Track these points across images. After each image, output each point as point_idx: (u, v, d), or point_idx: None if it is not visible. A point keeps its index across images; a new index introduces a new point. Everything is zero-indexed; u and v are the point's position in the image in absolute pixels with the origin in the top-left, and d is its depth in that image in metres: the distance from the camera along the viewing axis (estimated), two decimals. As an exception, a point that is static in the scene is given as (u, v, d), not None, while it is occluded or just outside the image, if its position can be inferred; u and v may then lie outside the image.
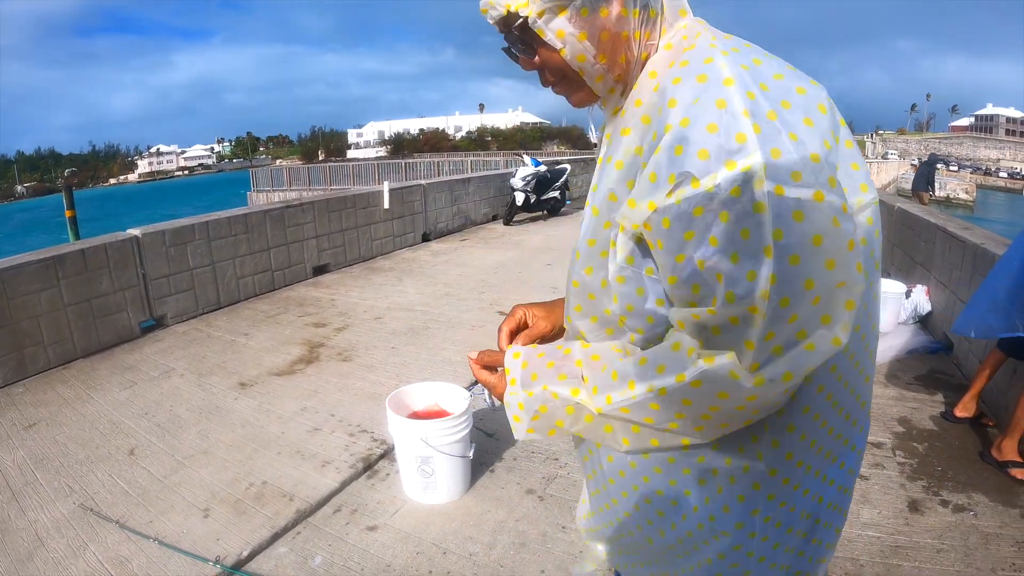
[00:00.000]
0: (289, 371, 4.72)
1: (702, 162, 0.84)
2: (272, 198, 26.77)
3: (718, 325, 0.90)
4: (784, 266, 0.83)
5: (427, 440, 2.96)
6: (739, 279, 0.85)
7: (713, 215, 0.85)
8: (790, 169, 0.83)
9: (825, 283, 0.85)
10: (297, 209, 7.40)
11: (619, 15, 0.99)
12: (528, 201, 11.74)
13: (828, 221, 0.84)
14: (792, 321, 0.85)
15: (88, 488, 3.24)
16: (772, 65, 0.94)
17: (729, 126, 0.84)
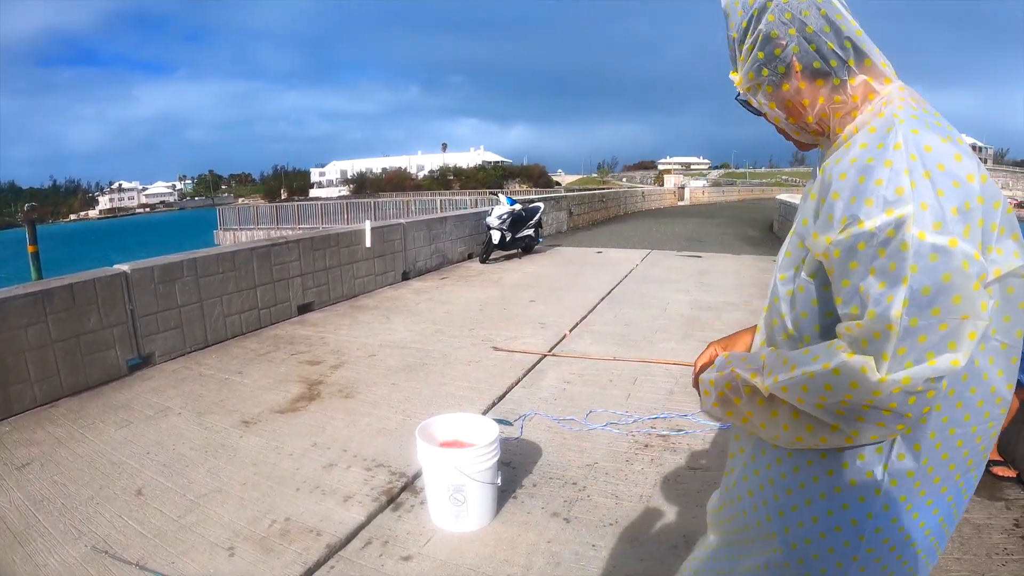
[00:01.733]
0: (292, 409, 4.62)
1: (868, 208, 1.08)
2: (240, 237, 26.52)
3: (865, 338, 1.08)
4: (916, 294, 1.04)
5: (461, 468, 2.93)
6: (881, 300, 1.06)
7: (873, 250, 1.08)
8: (933, 220, 1.04)
9: (951, 313, 1.04)
10: (283, 247, 7.33)
11: (798, 88, 1.26)
12: (504, 239, 11.82)
13: (959, 263, 1.04)
14: (922, 341, 1.05)
15: (97, 530, 3.11)
16: (940, 132, 1.14)
17: (892, 181, 1.07)
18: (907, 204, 1.05)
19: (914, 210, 1.04)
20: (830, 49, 1.22)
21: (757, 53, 1.27)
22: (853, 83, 1.24)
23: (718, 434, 4.14)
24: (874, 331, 1.07)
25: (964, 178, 1.09)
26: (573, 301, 8.16)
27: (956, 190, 1.07)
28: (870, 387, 1.08)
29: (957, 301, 1.04)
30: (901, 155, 1.09)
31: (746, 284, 9.57)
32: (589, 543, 2.98)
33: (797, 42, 1.23)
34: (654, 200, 38.02)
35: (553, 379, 5.17)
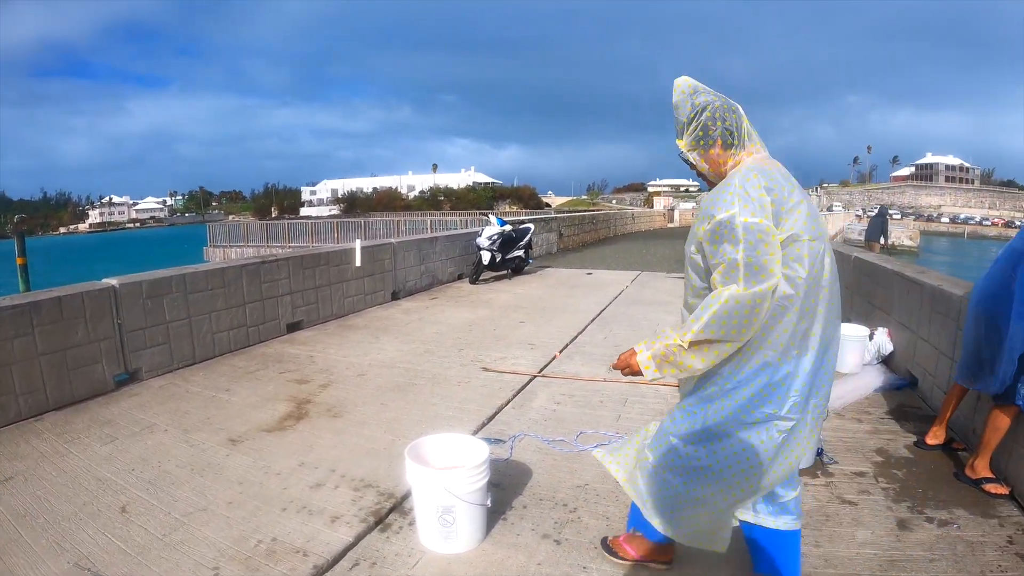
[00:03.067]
0: (279, 427, 4.58)
1: (718, 210, 2.14)
2: (230, 254, 26.43)
3: (728, 275, 2.11)
4: (748, 247, 2.08)
5: (450, 489, 2.91)
6: (732, 254, 2.10)
7: (723, 230, 2.12)
8: (748, 212, 2.09)
9: (765, 255, 2.08)
10: (272, 265, 7.30)
11: (718, 153, 2.31)
12: (494, 260, 11.82)
13: (764, 229, 2.09)
14: (756, 270, 2.08)
15: (80, 547, 3.06)
16: (762, 174, 2.18)
17: (728, 198, 2.14)
18: (735, 207, 2.11)
19: (738, 209, 2.11)
20: (735, 135, 2.29)
21: (698, 132, 2.30)
22: (739, 154, 2.30)
23: (708, 457, 4.13)
24: (731, 270, 2.11)
25: (759, 194, 2.12)
26: (563, 322, 8.16)
27: (759, 199, 2.12)
28: (745, 297, 2.09)
29: (767, 247, 2.10)
30: (735, 186, 2.16)
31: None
32: (580, 565, 2.96)
33: (721, 131, 2.28)
34: (644, 222, 38.23)
35: (543, 400, 5.15)
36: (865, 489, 3.69)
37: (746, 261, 2.06)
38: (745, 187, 2.12)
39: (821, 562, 2.95)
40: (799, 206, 2.15)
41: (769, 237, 2.08)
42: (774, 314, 2.13)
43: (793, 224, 2.13)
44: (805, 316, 2.16)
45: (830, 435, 4.38)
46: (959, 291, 4.62)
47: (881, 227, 17.06)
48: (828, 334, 2.24)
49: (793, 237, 2.12)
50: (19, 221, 11.39)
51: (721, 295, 2.09)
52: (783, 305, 2.13)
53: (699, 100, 2.28)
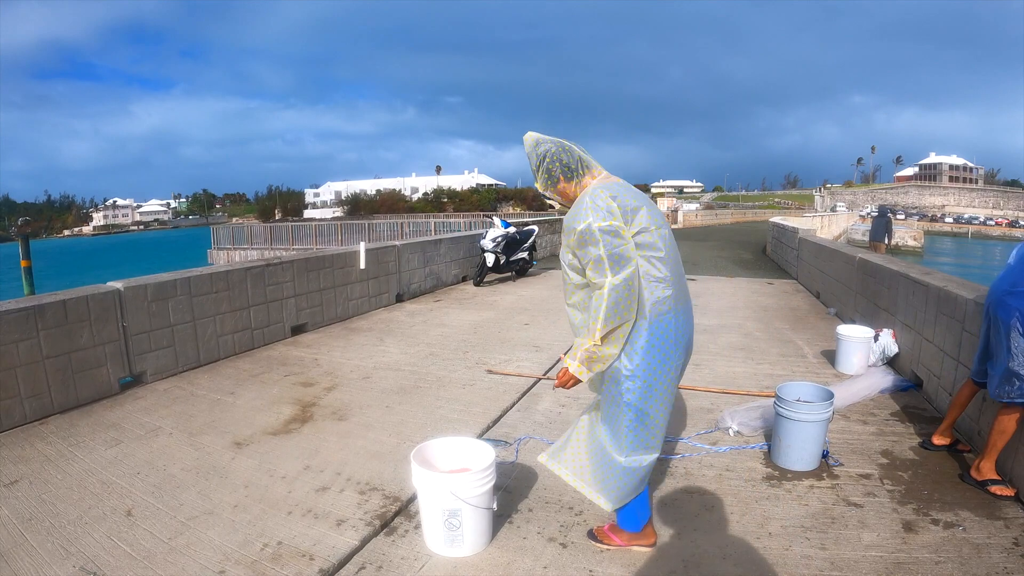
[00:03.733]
0: (284, 430, 4.58)
1: (577, 222, 2.69)
2: (233, 256, 26.41)
3: (597, 271, 2.64)
4: (607, 246, 2.62)
5: (456, 493, 2.90)
6: (596, 254, 2.63)
7: (586, 237, 2.66)
8: (600, 219, 2.63)
9: (620, 248, 2.63)
10: (277, 268, 7.31)
11: (564, 186, 2.90)
12: (498, 262, 11.81)
13: (617, 230, 2.64)
14: (617, 260, 2.62)
15: (86, 550, 3.06)
16: (612, 189, 2.74)
17: (583, 212, 2.69)
18: (588, 218, 2.64)
19: (592, 219, 2.63)
20: (574, 168, 2.88)
21: (544, 175, 2.91)
22: (583, 180, 2.89)
23: (714, 458, 4.12)
24: (599, 265, 2.63)
25: (607, 204, 2.65)
26: (568, 324, 8.13)
27: (612, 208, 2.66)
28: (617, 288, 2.61)
29: (620, 241, 2.64)
30: (586, 202, 2.69)
31: (740, 306, 9.58)
32: (586, 568, 2.96)
33: (561, 168, 2.87)
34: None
35: (548, 402, 5.14)
36: (871, 491, 3.68)
37: (608, 255, 2.62)
38: (594, 201, 2.68)
39: (827, 565, 2.94)
40: (640, 207, 2.73)
41: (620, 233, 2.64)
42: (655, 288, 2.71)
43: (640, 221, 2.71)
44: (676, 283, 2.79)
45: (835, 437, 4.37)
46: (965, 292, 4.61)
47: (885, 227, 16.99)
48: (685, 293, 2.89)
49: (643, 229, 2.70)
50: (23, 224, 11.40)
51: (603, 291, 2.62)
52: (662, 280, 2.72)
53: (540, 150, 2.91)
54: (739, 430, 4.49)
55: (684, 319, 2.83)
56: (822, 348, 6.86)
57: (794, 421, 3.90)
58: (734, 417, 4.57)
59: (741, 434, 4.47)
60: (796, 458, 3.95)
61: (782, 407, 3.97)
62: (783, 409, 3.95)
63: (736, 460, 4.12)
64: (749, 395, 5.29)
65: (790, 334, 7.67)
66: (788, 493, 3.67)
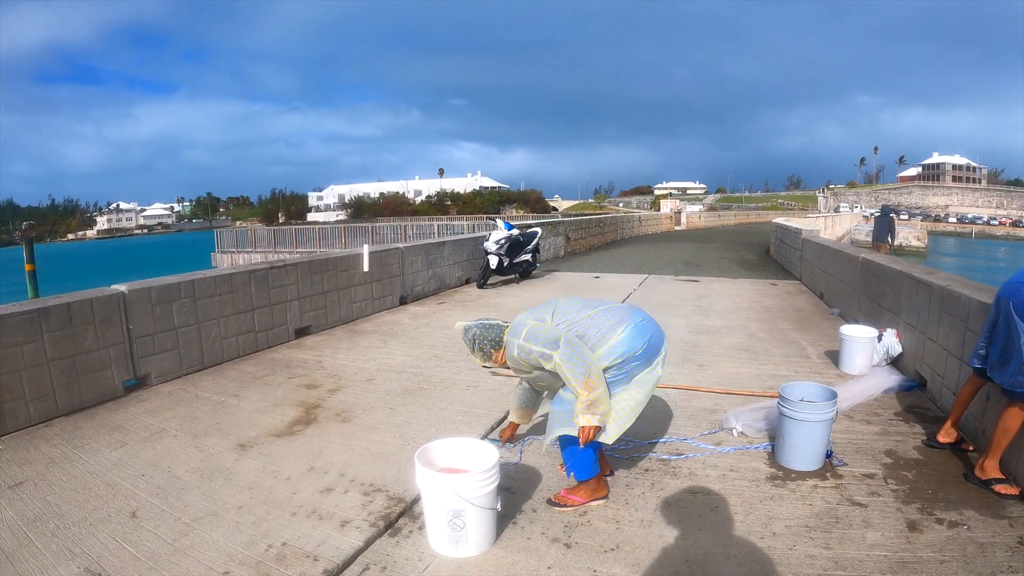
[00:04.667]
0: (289, 432, 4.59)
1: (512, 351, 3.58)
2: (237, 260, 26.48)
3: (545, 357, 3.41)
4: (536, 343, 3.46)
5: (460, 493, 2.91)
6: (538, 351, 3.43)
7: (523, 352, 3.50)
8: (520, 337, 3.50)
9: (549, 336, 3.44)
10: (281, 270, 7.32)
11: (496, 354, 3.67)
12: (501, 264, 11.81)
13: (535, 329, 3.50)
14: (550, 344, 3.41)
15: (91, 551, 3.07)
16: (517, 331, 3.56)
17: (512, 346, 3.58)
18: (515, 342, 3.54)
19: (517, 340, 3.52)
20: (497, 339, 3.63)
21: (480, 353, 3.67)
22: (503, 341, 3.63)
23: (718, 458, 4.12)
24: (549, 351, 3.37)
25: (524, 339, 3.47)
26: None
27: (528, 336, 3.46)
28: (561, 352, 3.32)
29: (544, 329, 3.49)
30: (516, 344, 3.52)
31: (743, 308, 9.57)
32: (590, 569, 2.96)
33: (490, 344, 3.64)
34: (651, 225, 38.13)
35: (551, 404, 5.14)
36: (875, 491, 3.67)
37: (542, 345, 3.37)
38: (520, 343, 3.46)
39: (831, 564, 2.94)
40: (549, 322, 3.52)
41: (538, 328, 3.45)
42: (604, 336, 3.45)
43: (554, 320, 3.53)
44: (605, 315, 3.54)
45: (839, 437, 4.36)
46: (969, 292, 4.61)
47: (888, 228, 16.98)
48: (623, 309, 3.66)
49: (560, 323, 3.51)
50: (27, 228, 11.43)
51: (558, 360, 3.30)
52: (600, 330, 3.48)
53: (469, 335, 3.67)
54: (743, 430, 4.49)
55: (636, 327, 3.52)
56: (826, 348, 6.85)
57: (798, 421, 3.89)
58: (738, 418, 4.56)
59: (745, 434, 4.47)
60: (800, 458, 3.94)
61: (786, 407, 3.96)
62: (787, 409, 3.95)
63: (740, 460, 4.12)
64: (753, 396, 5.29)
65: (794, 335, 7.66)
66: (792, 493, 3.66)
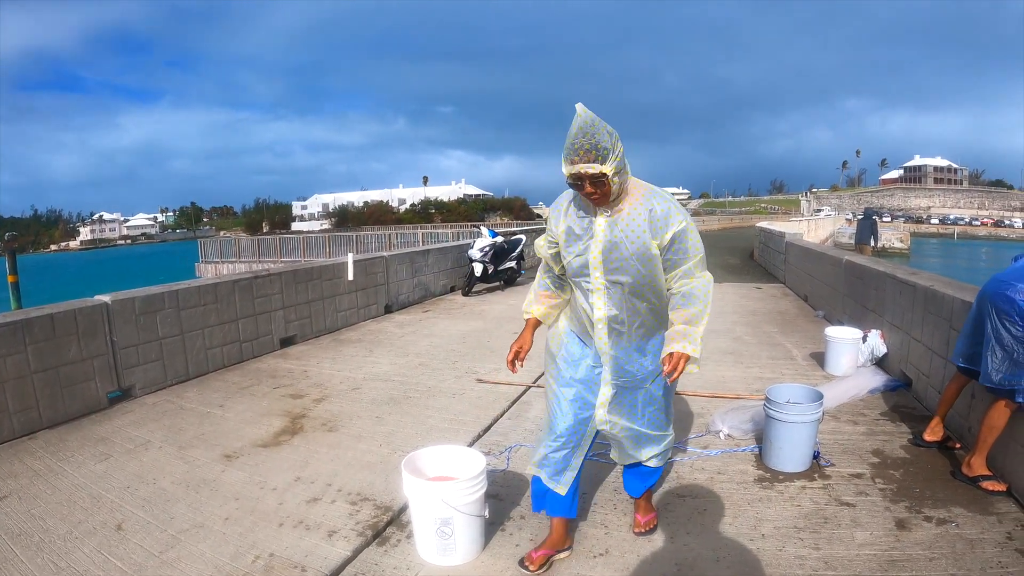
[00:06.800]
0: (275, 442, 4.56)
1: (679, 217, 2.65)
2: (221, 270, 26.30)
3: (701, 264, 2.74)
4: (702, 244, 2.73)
5: (447, 501, 2.90)
6: (700, 248, 2.73)
7: (692, 232, 2.69)
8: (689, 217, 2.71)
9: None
10: (265, 280, 7.29)
11: (624, 175, 2.59)
12: (486, 272, 11.82)
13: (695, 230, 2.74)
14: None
15: (76, 565, 3.04)
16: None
17: (680, 210, 2.68)
18: (688, 217, 2.69)
19: (689, 218, 2.70)
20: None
21: (622, 158, 2.53)
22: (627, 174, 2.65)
23: (706, 461, 4.13)
24: (702, 260, 2.73)
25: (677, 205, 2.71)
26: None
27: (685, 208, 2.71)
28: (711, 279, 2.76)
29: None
30: (673, 201, 2.69)
31: (728, 311, 9.61)
32: (579, 574, 2.95)
33: (626, 161, 2.59)
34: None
35: (539, 410, 5.13)
36: (862, 490, 3.69)
37: (703, 252, 2.74)
38: (677, 202, 2.72)
39: (821, 564, 2.95)
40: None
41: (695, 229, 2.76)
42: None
43: None
44: None
45: (826, 437, 4.39)
46: (952, 291, 4.66)
47: (870, 229, 17.11)
48: None
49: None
50: (10, 239, 11.30)
51: (707, 281, 2.73)
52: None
53: (609, 128, 2.48)
54: (730, 433, 4.50)
55: None
56: (811, 350, 6.89)
57: (784, 423, 3.91)
58: (725, 420, 4.58)
59: (732, 437, 4.48)
60: (787, 459, 3.96)
61: (772, 409, 3.98)
62: (773, 411, 3.97)
63: (727, 463, 4.13)
64: (739, 398, 5.31)
65: (779, 337, 7.71)
66: (780, 494, 3.68)
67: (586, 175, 2.47)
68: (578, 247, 2.75)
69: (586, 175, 2.47)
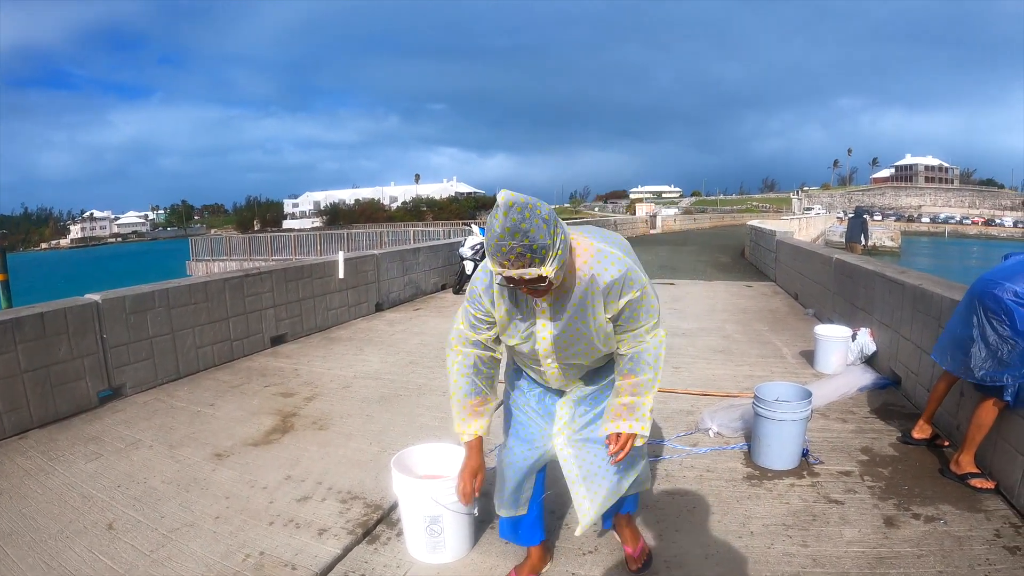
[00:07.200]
0: (265, 441, 4.57)
1: (636, 280, 2.31)
2: (212, 268, 26.24)
3: (657, 321, 2.43)
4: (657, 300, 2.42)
5: (437, 499, 2.91)
6: (655, 306, 2.40)
7: (647, 293, 2.35)
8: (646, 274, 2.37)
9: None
10: (256, 278, 7.27)
11: (567, 256, 2.14)
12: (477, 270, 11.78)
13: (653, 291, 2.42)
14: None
15: (67, 565, 3.04)
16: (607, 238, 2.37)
17: (636, 270, 2.32)
18: (642, 275, 2.34)
19: (643, 274, 2.36)
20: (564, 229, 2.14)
21: (565, 247, 2.08)
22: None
23: (695, 459, 4.16)
24: (656, 321, 2.41)
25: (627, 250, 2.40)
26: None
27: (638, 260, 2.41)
28: (665, 336, 2.48)
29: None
30: (626, 260, 2.30)
31: (718, 309, 9.65)
32: (569, 572, 2.98)
33: (566, 237, 2.13)
34: (626, 229, 38.29)
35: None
36: (851, 488, 3.72)
37: (659, 310, 2.43)
38: (629, 255, 2.38)
39: (809, 562, 2.98)
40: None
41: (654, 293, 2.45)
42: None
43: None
44: None
45: (815, 435, 4.42)
46: (940, 290, 4.69)
47: (861, 228, 17.18)
48: None
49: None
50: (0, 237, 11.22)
51: (659, 343, 2.44)
52: None
53: (545, 213, 2.00)
54: (719, 431, 4.53)
55: None
56: (801, 348, 6.93)
57: (773, 421, 3.94)
58: (714, 418, 4.60)
59: (721, 435, 4.51)
60: (776, 457, 3.99)
61: (761, 407, 4.01)
62: (762, 409, 3.99)
63: (717, 461, 4.16)
64: (728, 396, 5.34)
65: (769, 335, 7.74)
66: (769, 492, 3.70)
67: (521, 280, 2.06)
68: (520, 333, 2.44)
69: (521, 280, 2.06)
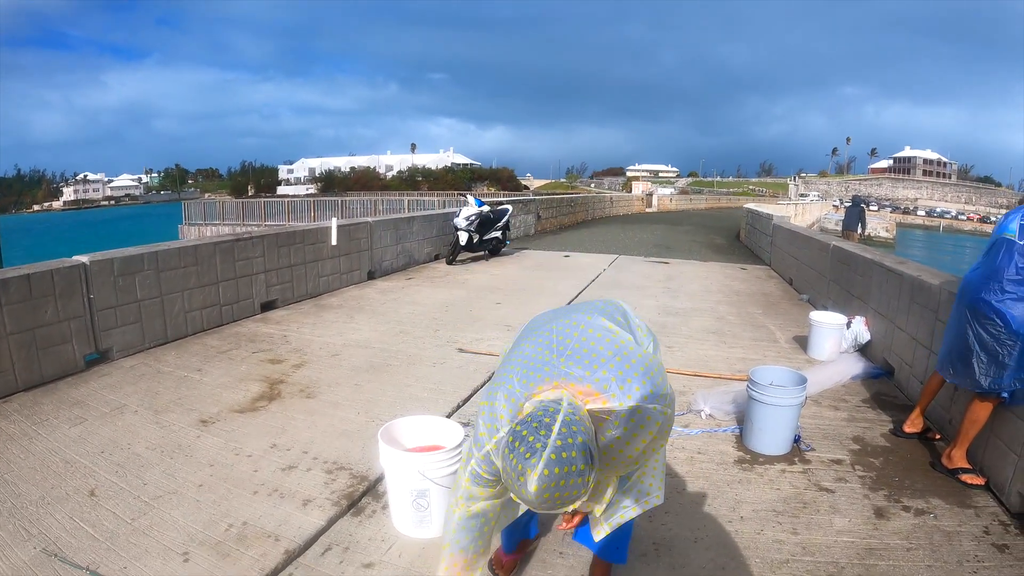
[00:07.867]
0: (252, 408, 4.51)
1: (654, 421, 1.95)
2: (205, 232, 26.05)
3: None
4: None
5: (424, 473, 2.87)
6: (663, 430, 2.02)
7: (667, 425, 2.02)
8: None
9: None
10: (247, 243, 7.18)
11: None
12: (471, 241, 11.75)
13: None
14: None
15: (48, 532, 2.98)
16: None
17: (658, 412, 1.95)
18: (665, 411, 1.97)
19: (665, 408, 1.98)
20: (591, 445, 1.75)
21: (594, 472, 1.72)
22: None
23: (686, 440, 4.13)
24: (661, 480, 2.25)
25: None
26: (540, 304, 8.09)
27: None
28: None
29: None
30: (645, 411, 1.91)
31: (713, 290, 9.62)
32: (556, 551, 2.95)
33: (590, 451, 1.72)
34: (622, 206, 38.16)
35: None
36: (842, 477, 3.70)
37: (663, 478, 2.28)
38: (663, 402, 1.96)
39: (799, 550, 2.95)
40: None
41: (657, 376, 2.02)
42: None
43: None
44: None
45: (807, 422, 4.39)
46: (939, 282, 4.65)
47: (858, 217, 17.19)
48: None
49: None
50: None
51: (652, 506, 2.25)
52: None
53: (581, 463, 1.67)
54: (711, 413, 4.50)
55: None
56: (794, 334, 6.90)
57: (767, 405, 3.90)
58: (706, 400, 4.57)
59: (713, 417, 4.48)
60: (768, 442, 3.96)
61: (755, 391, 3.97)
62: (756, 393, 3.96)
63: (708, 443, 4.13)
64: (722, 378, 5.31)
65: (763, 319, 7.71)
66: (760, 477, 3.68)
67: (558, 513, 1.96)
68: None
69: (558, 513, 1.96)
